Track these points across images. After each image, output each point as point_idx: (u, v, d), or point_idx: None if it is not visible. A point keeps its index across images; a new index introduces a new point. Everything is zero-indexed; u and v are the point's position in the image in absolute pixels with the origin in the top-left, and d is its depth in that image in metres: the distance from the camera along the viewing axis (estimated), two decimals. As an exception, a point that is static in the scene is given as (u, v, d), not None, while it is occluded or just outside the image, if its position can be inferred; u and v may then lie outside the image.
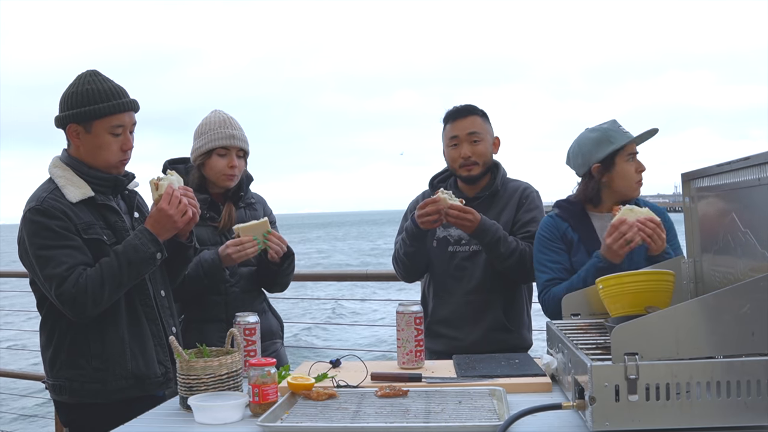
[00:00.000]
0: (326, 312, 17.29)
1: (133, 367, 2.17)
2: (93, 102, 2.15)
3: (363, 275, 4.20)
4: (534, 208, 2.77)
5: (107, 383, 2.14)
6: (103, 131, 2.17)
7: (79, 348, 2.15)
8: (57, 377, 2.18)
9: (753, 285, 1.46)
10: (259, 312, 2.58)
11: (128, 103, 2.21)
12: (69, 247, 2.09)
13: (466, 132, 2.74)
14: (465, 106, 2.80)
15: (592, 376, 1.45)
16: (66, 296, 2.05)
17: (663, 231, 2.31)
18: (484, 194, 2.78)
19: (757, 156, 1.66)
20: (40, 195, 2.15)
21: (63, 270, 2.06)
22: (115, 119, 2.18)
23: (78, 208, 2.14)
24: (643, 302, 1.96)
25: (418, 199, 2.94)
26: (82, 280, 2.05)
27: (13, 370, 5.80)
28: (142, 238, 2.14)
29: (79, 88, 2.18)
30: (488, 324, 2.72)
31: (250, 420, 1.73)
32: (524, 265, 2.65)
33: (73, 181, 2.18)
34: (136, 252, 2.12)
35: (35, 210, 2.11)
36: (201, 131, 2.64)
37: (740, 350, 1.46)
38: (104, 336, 2.15)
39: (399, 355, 2.22)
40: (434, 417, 1.65)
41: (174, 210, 2.15)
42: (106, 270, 2.09)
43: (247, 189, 2.77)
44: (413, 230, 2.68)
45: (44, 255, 2.08)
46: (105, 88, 2.18)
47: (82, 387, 2.15)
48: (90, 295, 2.05)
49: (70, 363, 2.15)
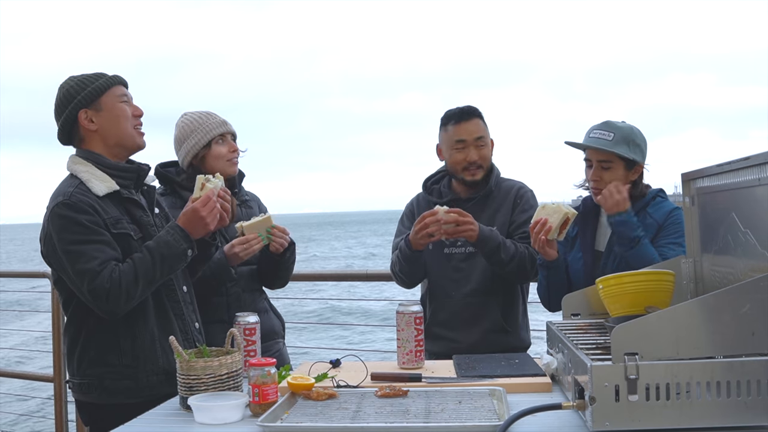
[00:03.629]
0: (327, 312, 17.27)
1: (163, 362, 2.16)
2: (90, 83, 2.20)
3: (363, 275, 4.20)
4: (529, 208, 2.75)
5: (139, 379, 2.13)
6: (112, 102, 2.21)
7: (108, 345, 2.13)
8: (85, 375, 2.15)
9: (753, 285, 1.46)
10: (260, 311, 2.58)
11: (117, 77, 2.25)
12: (100, 242, 2.07)
13: (473, 137, 2.71)
14: (468, 108, 2.75)
15: (592, 376, 1.45)
16: (99, 291, 2.02)
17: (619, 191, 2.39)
18: (478, 195, 2.77)
19: (757, 156, 1.66)
20: (66, 190, 2.12)
21: (95, 265, 2.03)
22: (117, 89, 2.23)
23: (104, 203, 2.14)
24: (643, 302, 1.96)
25: (412, 202, 2.93)
26: (116, 275, 2.03)
27: (14, 370, 5.80)
28: (174, 234, 2.14)
29: (69, 83, 2.21)
30: (487, 326, 2.71)
31: (250, 420, 1.73)
32: (524, 269, 2.65)
33: (97, 175, 2.17)
34: (169, 248, 2.12)
35: (63, 204, 2.08)
36: (188, 131, 2.64)
37: (740, 350, 1.46)
38: (134, 332, 2.14)
39: (399, 355, 2.22)
40: (434, 417, 1.65)
41: (207, 212, 2.17)
42: (140, 265, 2.08)
43: (240, 186, 2.78)
44: (407, 253, 2.68)
45: (75, 250, 2.05)
46: (90, 75, 2.23)
47: (113, 385, 2.12)
48: (124, 291, 2.03)
49: (100, 360, 2.13)
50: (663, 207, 2.49)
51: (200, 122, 2.64)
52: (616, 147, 2.44)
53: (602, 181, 2.48)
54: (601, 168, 2.48)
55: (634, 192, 2.50)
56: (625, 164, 2.47)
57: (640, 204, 2.50)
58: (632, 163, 2.47)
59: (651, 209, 2.49)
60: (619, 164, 2.47)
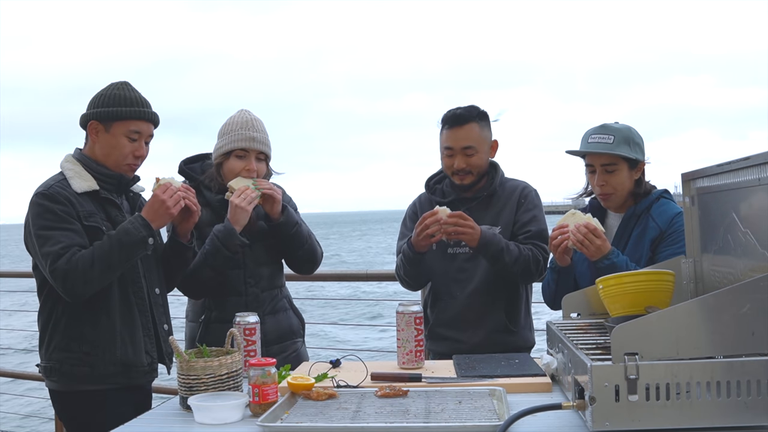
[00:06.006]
0: (326, 311, 17.24)
1: (121, 354, 2.25)
2: (117, 105, 2.30)
3: (363, 275, 4.20)
4: (533, 207, 2.75)
5: (95, 367, 2.23)
6: (120, 133, 2.31)
7: (72, 332, 2.24)
8: (49, 359, 2.27)
9: (753, 285, 1.46)
10: (279, 311, 2.58)
11: (149, 113, 2.35)
12: (68, 230, 2.20)
13: (461, 145, 2.67)
14: (462, 112, 2.70)
15: (592, 376, 1.45)
16: (58, 272, 2.14)
17: (598, 237, 2.34)
18: (482, 195, 2.76)
19: (757, 156, 1.66)
20: (48, 183, 2.28)
21: (58, 248, 2.16)
22: (133, 125, 2.32)
23: (82, 198, 2.27)
24: (643, 302, 1.95)
25: (415, 203, 2.93)
26: (74, 258, 2.15)
27: (14, 370, 5.80)
28: (134, 222, 2.24)
29: (108, 92, 2.34)
30: (491, 326, 2.70)
31: (250, 420, 1.73)
32: (528, 271, 2.65)
33: (81, 174, 2.30)
34: (127, 234, 2.21)
35: (41, 194, 2.24)
36: (224, 131, 2.61)
37: (740, 350, 1.46)
38: (97, 322, 2.25)
39: (399, 355, 2.21)
40: (434, 417, 1.65)
41: (168, 197, 2.26)
42: (98, 250, 2.18)
43: None
44: (410, 255, 2.68)
45: (44, 234, 2.19)
46: (131, 96, 2.33)
47: (71, 370, 2.24)
48: (80, 273, 2.14)
49: (62, 346, 2.25)
50: (667, 211, 2.47)
51: (233, 128, 2.58)
52: (618, 149, 2.43)
53: (608, 185, 2.48)
54: (606, 172, 2.47)
55: (638, 190, 2.50)
56: (629, 164, 2.47)
57: (644, 204, 2.49)
58: (635, 163, 2.48)
59: (654, 211, 2.48)
60: (623, 165, 2.46)
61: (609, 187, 2.48)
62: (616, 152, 2.43)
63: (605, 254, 2.34)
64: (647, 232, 2.46)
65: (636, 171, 2.50)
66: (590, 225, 2.36)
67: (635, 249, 2.47)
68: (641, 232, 2.48)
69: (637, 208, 2.50)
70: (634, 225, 2.50)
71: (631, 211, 2.51)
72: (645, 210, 2.49)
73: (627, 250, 2.48)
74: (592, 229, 2.34)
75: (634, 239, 2.49)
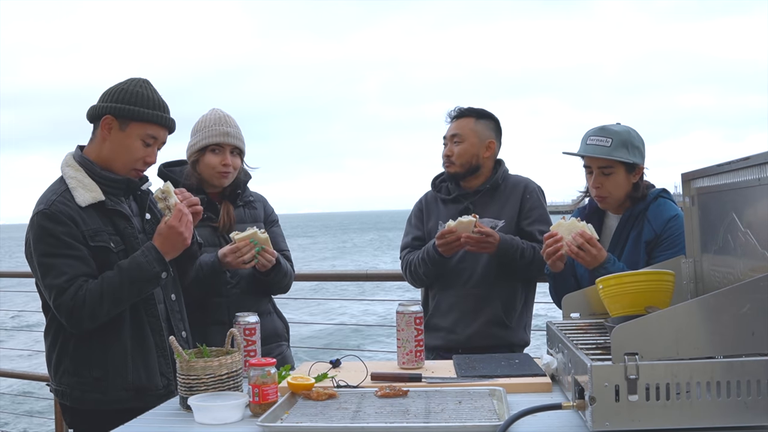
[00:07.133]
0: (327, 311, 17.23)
1: (134, 378, 2.15)
2: (138, 104, 2.16)
3: (363, 275, 4.21)
4: (539, 205, 2.86)
5: (107, 393, 2.13)
6: (135, 135, 2.17)
7: (81, 356, 2.14)
8: (60, 383, 2.18)
9: (753, 285, 1.46)
10: (263, 313, 2.56)
11: (168, 120, 2.23)
12: (71, 257, 2.08)
13: (450, 133, 2.87)
14: (464, 108, 2.88)
15: (592, 376, 1.45)
16: (63, 308, 2.05)
17: (593, 246, 2.35)
18: (485, 187, 2.85)
19: (757, 156, 1.66)
20: (50, 197, 2.13)
21: (63, 281, 2.05)
22: (151, 129, 2.18)
23: (87, 213, 2.12)
24: (643, 302, 1.95)
25: (421, 200, 3.01)
26: (81, 293, 2.04)
27: (14, 370, 5.79)
28: (148, 256, 2.12)
29: (129, 87, 2.18)
30: (486, 318, 2.76)
31: (250, 420, 1.73)
32: (540, 270, 2.72)
33: (85, 183, 2.16)
34: (140, 270, 2.10)
35: (43, 214, 2.09)
36: (196, 128, 2.65)
37: (740, 350, 1.46)
38: (107, 345, 2.14)
39: (399, 355, 2.22)
40: (434, 417, 1.65)
41: (184, 227, 2.14)
42: (107, 285, 2.07)
43: (244, 187, 2.75)
44: (435, 257, 2.74)
45: (46, 263, 2.08)
46: (153, 98, 2.19)
47: (83, 396, 2.15)
48: (87, 309, 2.04)
49: (72, 371, 2.15)
50: (663, 213, 2.46)
51: (206, 125, 2.62)
52: (615, 153, 2.41)
53: (603, 187, 2.47)
54: (602, 174, 2.46)
55: (635, 194, 2.49)
56: (626, 168, 2.45)
57: (641, 206, 2.49)
58: (632, 167, 2.46)
59: (651, 213, 2.47)
60: (620, 169, 2.45)
61: (604, 190, 2.47)
62: (613, 156, 2.41)
63: (602, 263, 2.35)
64: (643, 234, 2.45)
65: (634, 174, 2.48)
66: (585, 234, 2.35)
67: (633, 251, 2.46)
68: (638, 235, 2.47)
69: (634, 210, 2.49)
70: (632, 227, 2.49)
71: (628, 214, 2.51)
72: (642, 212, 2.49)
73: (625, 253, 2.47)
74: (588, 239, 2.35)
75: (632, 241, 2.48)
